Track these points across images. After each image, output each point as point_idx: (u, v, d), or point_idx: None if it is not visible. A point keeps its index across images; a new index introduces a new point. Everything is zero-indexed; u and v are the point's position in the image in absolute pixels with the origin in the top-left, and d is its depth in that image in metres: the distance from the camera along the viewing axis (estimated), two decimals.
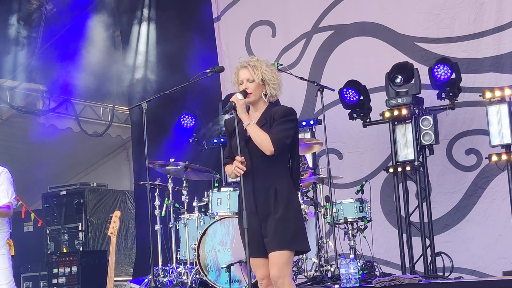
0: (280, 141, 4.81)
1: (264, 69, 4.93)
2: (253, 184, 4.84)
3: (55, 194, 11.01)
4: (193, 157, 9.74)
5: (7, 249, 6.66)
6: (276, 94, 4.97)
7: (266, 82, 4.93)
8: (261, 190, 4.83)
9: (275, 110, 4.92)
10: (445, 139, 8.93)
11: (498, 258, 8.51)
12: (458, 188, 8.92)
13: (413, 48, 9.32)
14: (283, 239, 4.77)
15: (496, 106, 8.03)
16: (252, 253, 4.84)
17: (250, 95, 4.92)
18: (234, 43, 10.68)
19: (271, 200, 4.81)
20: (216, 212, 7.96)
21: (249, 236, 4.77)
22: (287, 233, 4.78)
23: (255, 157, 4.85)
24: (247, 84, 4.93)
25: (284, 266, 4.79)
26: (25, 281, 10.54)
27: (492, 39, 8.86)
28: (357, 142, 9.60)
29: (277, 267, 4.78)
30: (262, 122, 4.90)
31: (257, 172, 4.85)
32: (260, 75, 4.91)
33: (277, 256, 4.78)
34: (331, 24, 10.00)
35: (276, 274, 4.78)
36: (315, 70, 9.98)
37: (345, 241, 8.22)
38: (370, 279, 7.26)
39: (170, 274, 8.21)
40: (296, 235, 4.83)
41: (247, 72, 4.95)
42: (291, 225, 4.81)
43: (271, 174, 4.85)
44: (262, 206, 4.82)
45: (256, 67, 4.94)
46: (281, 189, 4.83)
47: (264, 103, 4.97)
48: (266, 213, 4.81)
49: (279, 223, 4.77)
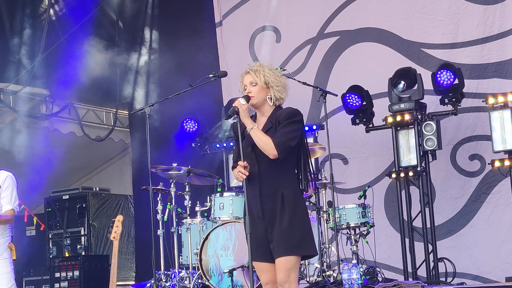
0: (283, 144, 4.78)
1: (266, 72, 4.93)
2: (260, 189, 4.81)
3: (57, 198, 11.02)
4: (195, 161, 9.75)
5: (8, 253, 6.64)
6: (281, 97, 4.96)
7: (269, 85, 4.93)
8: (267, 195, 4.81)
9: (280, 113, 4.91)
10: (449, 144, 8.94)
11: (501, 264, 8.50)
12: (462, 194, 8.92)
13: (419, 54, 9.33)
14: (290, 244, 4.76)
15: (499, 112, 8.02)
16: (257, 258, 4.83)
17: (253, 97, 4.92)
18: (237, 48, 10.69)
19: (277, 205, 4.79)
20: (219, 217, 7.97)
21: (255, 240, 4.76)
22: (293, 238, 4.77)
23: (262, 162, 4.83)
24: (250, 88, 4.94)
25: (291, 272, 4.78)
26: (27, 285, 10.54)
27: (495, 45, 8.87)
28: (362, 148, 9.60)
29: (284, 273, 4.76)
30: (268, 126, 4.89)
31: (263, 177, 4.83)
32: (262, 78, 4.92)
33: (284, 261, 4.76)
34: (337, 30, 10.01)
35: (283, 280, 4.77)
36: (321, 75, 9.99)
37: (347, 246, 8.21)
38: (372, 285, 7.25)
39: (172, 279, 8.21)
40: (303, 240, 4.82)
41: (250, 77, 4.96)
42: (297, 230, 4.79)
43: (278, 179, 4.83)
44: (268, 211, 4.80)
45: (258, 71, 4.95)
46: (287, 194, 4.80)
47: (270, 107, 4.96)
48: (272, 218, 4.79)
49: (286, 229, 4.76)
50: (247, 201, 4.87)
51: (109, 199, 11.21)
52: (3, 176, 6.62)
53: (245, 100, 4.88)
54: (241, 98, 4.91)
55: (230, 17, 10.85)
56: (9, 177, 6.64)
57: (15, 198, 6.62)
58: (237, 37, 10.76)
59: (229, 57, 10.73)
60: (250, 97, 4.92)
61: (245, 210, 4.88)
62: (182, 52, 10.62)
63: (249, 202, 4.87)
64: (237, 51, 10.67)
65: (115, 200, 11.34)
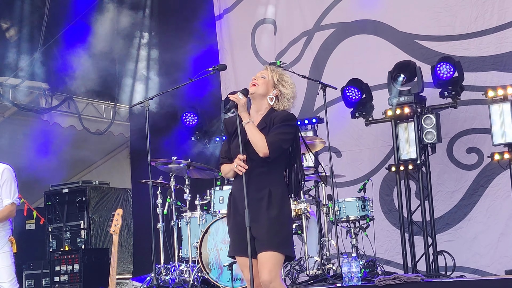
0: (275, 144, 4.75)
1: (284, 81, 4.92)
2: (247, 184, 4.73)
3: (57, 192, 11.02)
4: (195, 155, 9.75)
5: (9, 246, 6.63)
6: (283, 105, 4.94)
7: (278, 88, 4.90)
8: (255, 191, 4.77)
9: (276, 115, 4.89)
10: (446, 137, 8.91)
11: (500, 257, 8.50)
12: (459, 187, 8.91)
13: (414, 46, 9.31)
14: (276, 240, 4.72)
15: (498, 105, 8.01)
16: (240, 252, 4.79)
17: (255, 86, 4.89)
18: (239, 42, 10.68)
19: (264, 201, 4.75)
20: (218, 210, 7.96)
21: (239, 234, 4.74)
22: (279, 235, 4.73)
23: (253, 160, 4.80)
24: (259, 80, 4.93)
25: (275, 268, 4.72)
26: (27, 279, 10.54)
27: (494, 38, 8.85)
28: (356, 141, 9.59)
29: (268, 269, 4.69)
30: (262, 126, 4.87)
31: (253, 173, 4.78)
32: (275, 77, 4.91)
33: (268, 257, 4.70)
34: (333, 22, 9.99)
35: (267, 279, 4.69)
36: (316, 68, 9.98)
37: (347, 239, 8.21)
38: (372, 278, 7.25)
39: (172, 272, 8.22)
40: (287, 240, 4.80)
41: (265, 72, 4.97)
42: (283, 229, 4.77)
43: (267, 177, 4.81)
44: (254, 206, 4.73)
45: (274, 71, 4.95)
46: (275, 192, 4.78)
47: (266, 106, 4.93)
48: (257, 213, 4.73)
49: (273, 225, 4.72)
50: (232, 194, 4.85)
51: (109, 193, 11.22)
52: (0, 168, 6.57)
53: (243, 95, 4.87)
54: (239, 93, 4.90)
55: (232, 11, 10.83)
56: (6, 169, 6.58)
57: (14, 191, 6.57)
58: (239, 31, 10.74)
59: (230, 51, 10.71)
60: (248, 91, 4.91)
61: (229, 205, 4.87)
62: (182, 46, 10.60)
63: (234, 196, 4.84)
64: (238, 44, 10.65)
65: (114, 194, 11.35)
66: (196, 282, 7.83)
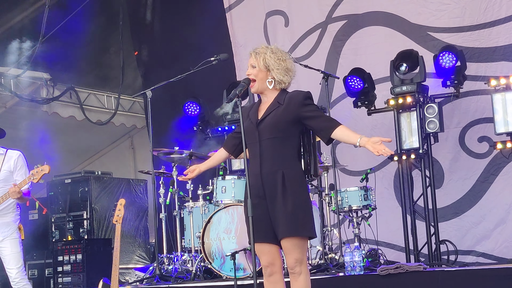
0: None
1: (268, 55, 4.88)
2: (260, 168, 4.77)
3: (60, 182, 11.01)
4: (197, 145, 9.75)
5: (18, 233, 6.72)
6: (282, 80, 4.89)
7: (269, 68, 4.88)
8: (268, 174, 4.76)
9: (294, 95, 4.88)
10: (458, 127, 8.96)
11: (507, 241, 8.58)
12: (470, 175, 8.95)
13: (426, 38, 9.28)
14: (295, 224, 4.71)
15: (501, 94, 8.01)
16: (258, 239, 4.76)
17: (253, 84, 4.90)
18: (251, 33, 10.61)
19: (278, 185, 4.73)
20: (221, 200, 7.98)
21: (256, 221, 4.70)
22: (298, 219, 4.73)
23: (263, 140, 4.80)
24: (251, 70, 4.92)
25: (302, 253, 4.76)
26: (30, 269, 10.55)
27: (503, 28, 8.84)
28: (372, 131, 9.57)
29: (295, 257, 4.73)
30: (275, 106, 4.85)
31: (264, 155, 4.79)
32: (261, 62, 4.88)
33: (295, 242, 4.73)
34: (344, 14, 9.97)
35: (293, 262, 4.73)
36: (331, 60, 9.95)
37: (349, 229, 8.22)
38: (374, 267, 7.26)
39: (175, 262, 8.24)
40: (307, 221, 4.79)
41: (251, 59, 4.95)
42: (301, 212, 4.76)
43: (279, 159, 4.78)
44: (270, 190, 4.75)
45: (259, 54, 4.91)
46: (288, 174, 4.76)
47: (272, 91, 4.91)
48: (273, 198, 4.74)
49: (291, 209, 4.70)
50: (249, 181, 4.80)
51: (111, 183, 11.20)
52: (14, 155, 6.79)
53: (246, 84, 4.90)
54: (242, 82, 4.93)
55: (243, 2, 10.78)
56: (20, 156, 6.85)
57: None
58: (250, 22, 10.69)
59: (242, 42, 10.65)
60: (251, 80, 4.91)
61: (246, 193, 4.83)
62: (186, 36, 10.58)
63: (250, 181, 4.80)
64: (251, 35, 10.59)
65: (117, 184, 11.34)
66: (199, 272, 7.85)
